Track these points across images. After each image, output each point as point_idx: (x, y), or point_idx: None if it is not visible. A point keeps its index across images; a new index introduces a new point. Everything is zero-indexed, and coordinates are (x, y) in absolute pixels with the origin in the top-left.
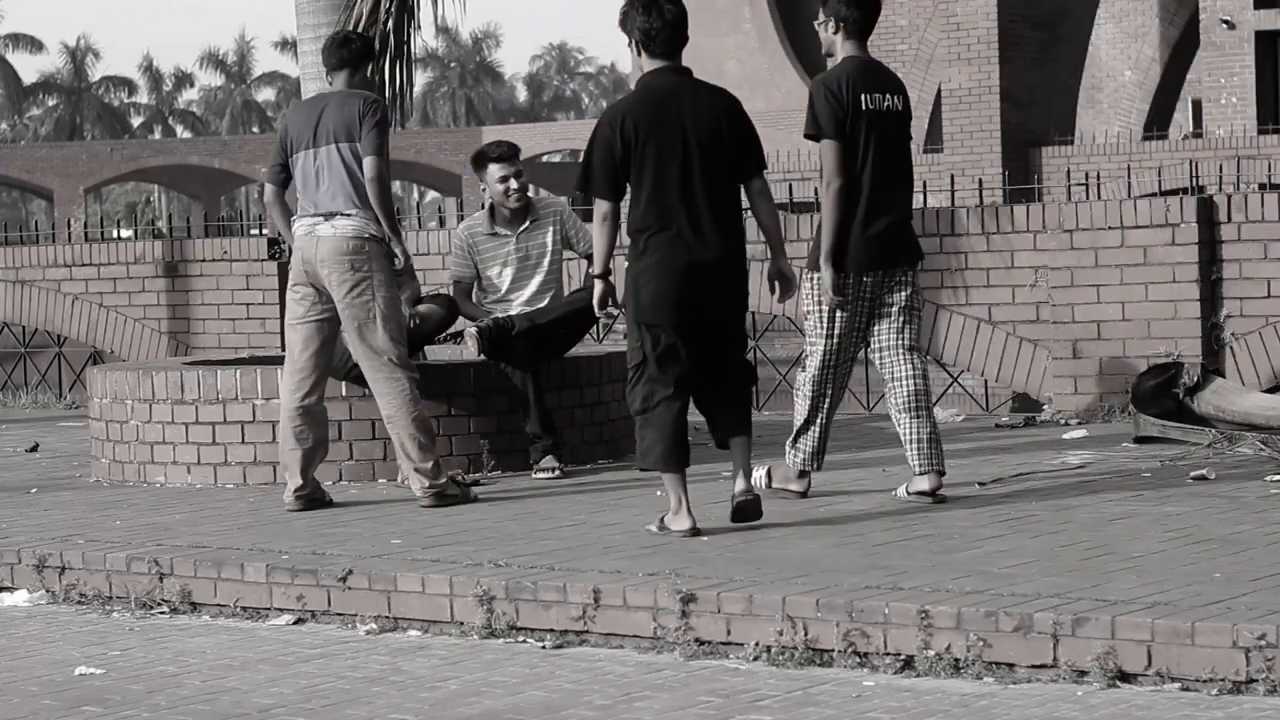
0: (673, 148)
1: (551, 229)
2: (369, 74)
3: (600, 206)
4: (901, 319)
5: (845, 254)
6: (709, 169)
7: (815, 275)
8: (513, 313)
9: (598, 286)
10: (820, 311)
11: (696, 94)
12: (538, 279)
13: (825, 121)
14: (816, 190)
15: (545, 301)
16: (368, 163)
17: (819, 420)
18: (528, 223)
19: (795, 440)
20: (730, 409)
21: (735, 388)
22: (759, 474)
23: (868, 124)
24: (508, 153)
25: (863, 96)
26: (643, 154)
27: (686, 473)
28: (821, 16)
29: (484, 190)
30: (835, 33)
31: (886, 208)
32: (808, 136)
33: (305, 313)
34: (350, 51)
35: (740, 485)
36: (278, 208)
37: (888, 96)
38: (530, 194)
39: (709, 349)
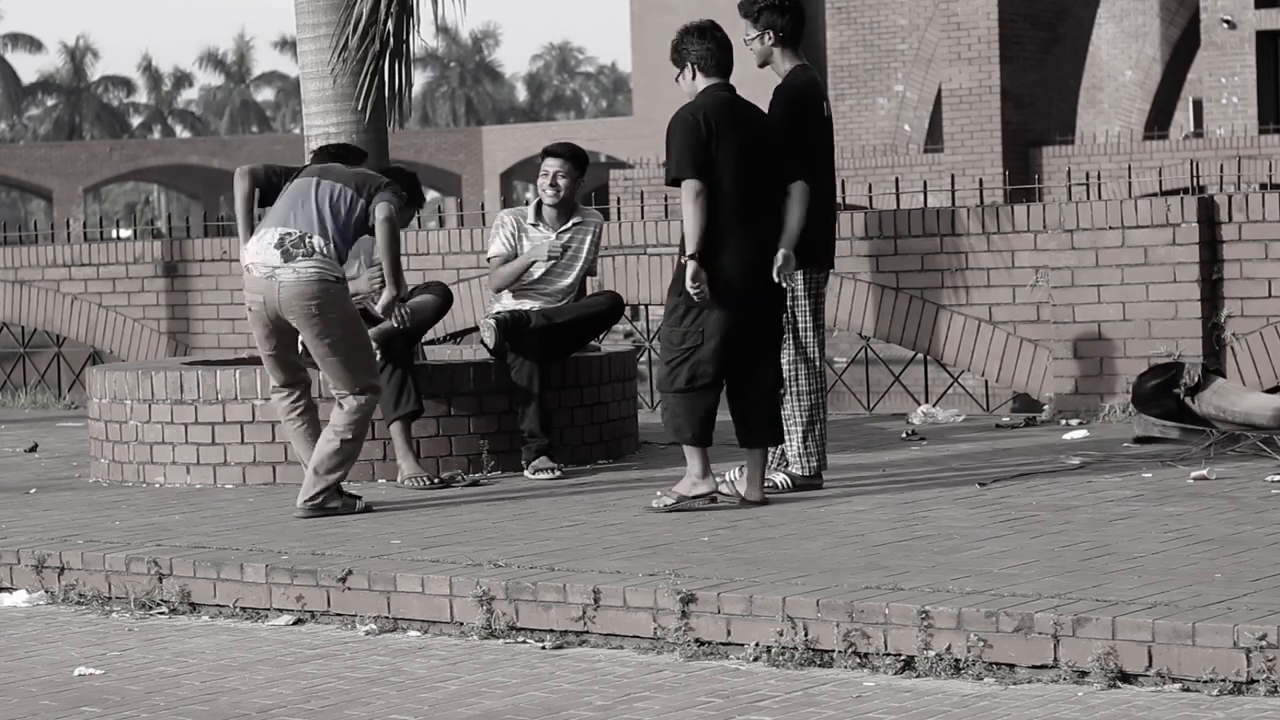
0: (742, 150)
1: (591, 234)
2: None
3: (692, 186)
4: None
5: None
6: (766, 173)
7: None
8: (533, 307)
9: (691, 267)
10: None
11: (749, 108)
12: (565, 281)
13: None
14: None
15: (562, 303)
16: (380, 206)
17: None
18: (570, 224)
19: (805, 441)
20: (768, 414)
21: (770, 390)
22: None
23: (822, 129)
24: (561, 150)
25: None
26: (720, 151)
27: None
28: (754, 30)
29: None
30: (774, 45)
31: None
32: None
33: (265, 332)
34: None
35: (755, 495)
36: (244, 210)
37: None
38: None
39: (754, 345)
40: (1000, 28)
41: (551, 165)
